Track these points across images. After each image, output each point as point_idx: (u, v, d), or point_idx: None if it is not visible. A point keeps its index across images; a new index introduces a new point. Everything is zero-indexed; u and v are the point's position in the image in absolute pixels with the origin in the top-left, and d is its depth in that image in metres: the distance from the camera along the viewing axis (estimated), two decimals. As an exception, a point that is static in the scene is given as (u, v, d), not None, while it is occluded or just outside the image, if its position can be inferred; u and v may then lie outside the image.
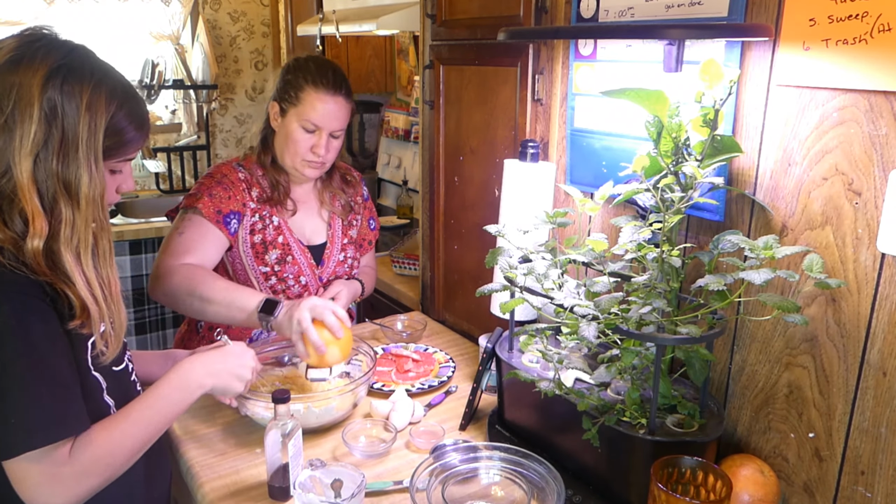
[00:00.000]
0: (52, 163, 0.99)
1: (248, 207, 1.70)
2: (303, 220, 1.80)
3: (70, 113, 0.99)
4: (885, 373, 1.06)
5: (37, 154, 0.98)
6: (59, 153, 1.00)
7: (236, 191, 1.69)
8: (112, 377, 1.13)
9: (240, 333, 1.77)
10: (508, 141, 1.72)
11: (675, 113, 1.12)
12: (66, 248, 1.01)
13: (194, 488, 1.31)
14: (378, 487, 1.28)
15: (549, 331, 1.35)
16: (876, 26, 0.99)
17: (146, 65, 3.65)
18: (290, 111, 1.67)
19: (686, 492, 1.07)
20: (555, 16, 1.53)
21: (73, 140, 1.00)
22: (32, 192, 0.99)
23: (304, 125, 1.66)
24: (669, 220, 1.14)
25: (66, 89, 0.99)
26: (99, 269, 1.06)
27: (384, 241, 3.07)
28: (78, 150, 1.00)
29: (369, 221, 1.96)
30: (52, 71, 0.99)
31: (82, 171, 1.01)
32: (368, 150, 3.64)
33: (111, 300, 1.08)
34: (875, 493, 1.10)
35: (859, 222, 1.06)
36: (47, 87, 0.98)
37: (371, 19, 2.46)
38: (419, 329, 1.94)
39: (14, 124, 0.97)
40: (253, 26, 3.93)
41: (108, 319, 1.07)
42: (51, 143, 0.99)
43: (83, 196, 1.02)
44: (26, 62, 0.98)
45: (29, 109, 0.97)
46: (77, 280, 1.02)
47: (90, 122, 1.01)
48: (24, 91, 0.97)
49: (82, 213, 1.02)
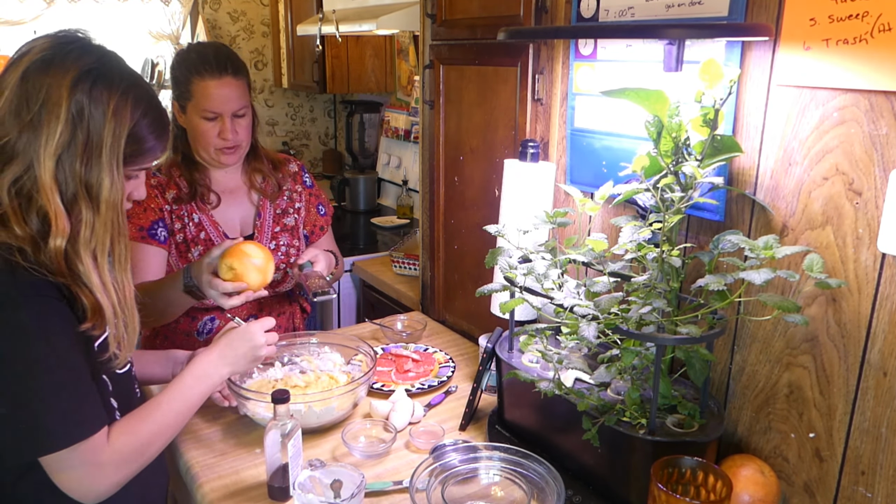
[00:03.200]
0: (75, 165, 1.01)
1: (165, 211, 1.70)
2: (230, 210, 1.78)
3: (97, 117, 1.01)
4: (885, 373, 1.06)
5: (60, 154, 1.00)
6: (83, 156, 1.01)
7: (149, 200, 1.68)
8: (117, 379, 1.15)
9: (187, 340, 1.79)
10: (508, 141, 1.72)
11: (676, 113, 1.12)
12: (84, 251, 1.03)
13: (194, 488, 1.31)
14: (378, 488, 1.28)
15: (548, 331, 1.34)
16: (876, 26, 0.99)
17: (146, 65, 3.65)
18: (187, 106, 1.67)
19: (686, 492, 1.07)
20: (555, 15, 1.53)
21: (97, 144, 1.01)
22: (54, 192, 1.00)
23: (203, 115, 1.64)
24: (669, 220, 1.13)
25: (94, 94, 1.01)
26: (115, 273, 1.07)
27: (384, 241, 3.07)
28: (101, 155, 1.02)
29: (318, 207, 1.94)
30: (83, 74, 1.00)
31: (104, 174, 1.02)
32: (368, 150, 3.64)
33: (125, 304, 1.09)
34: (875, 493, 1.09)
35: (860, 222, 1.06)
36: (76, 89, 0.99)
37: (371, 19, 2.46)
38: (419, 329, 1.94)
39: (40, 124, 0.98)
40: (253, 26, 3.93)
41: (123, 323, 1.08)
42: (75, 144, 1.00)
43: (104, 200, 1.03)
44: (58, 63, 1.00)
45: (56, 110, 0.98)
46: (94, 282, 1.03)
47: (115, 128, 1.02)
48: (54, 92, 0.99)
49: (101, 217, 1.04)
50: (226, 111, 1.65)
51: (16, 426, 1.00)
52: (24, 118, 0.99)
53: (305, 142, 4.24)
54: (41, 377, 0.99)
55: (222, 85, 1.63)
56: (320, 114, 4.27)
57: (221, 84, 1.63)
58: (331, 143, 4.34)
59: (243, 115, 1.69)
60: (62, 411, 1.00)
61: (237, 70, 1.67)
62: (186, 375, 1.22)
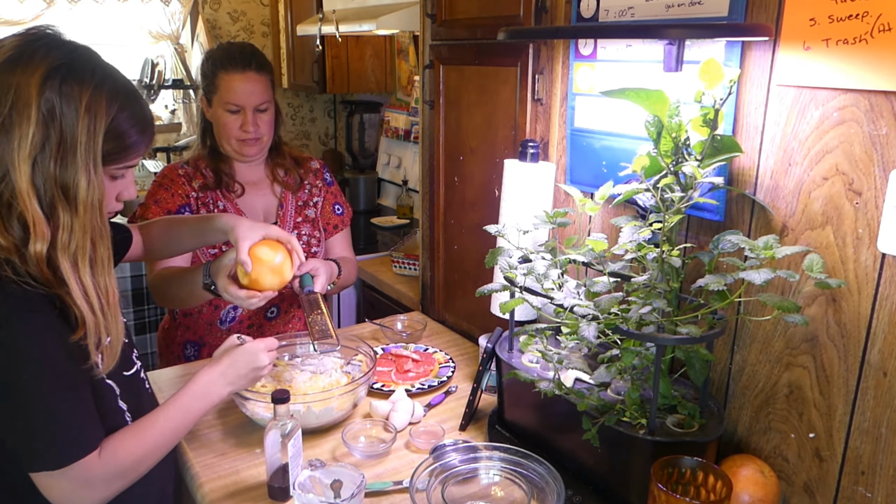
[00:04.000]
0: (49, 166, 0.96)
1: (191, 197, 1.76)
2: (253, 199, 1.84)
3: (69, 115, 0.96)
4: (885, 373, 1.06)
5: (35, 157, 0.95)
6: (57, 156, 0.96)
7: (176, 187, 1.76)
8: (124, 382, 1.15)
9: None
10: (508, 141, 1.72)
11: (676, 113, 1.12)
12: (63, 255, 0.98)
13: (194, 488, 1.31)
14: (378, 488, 1.28)
15: (548, 331, 1.34)
16: (876, 26, 0.99)
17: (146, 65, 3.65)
18: (213, 100, 1.74)
19: (686, 492, 1.07)
20: (555, 15, 1.53)
21: (71, 143, 0.96)
22: (32, 197, 0.96)
23: (227, 108, 1.72)
24: (669, 220, 1.13)
25: (64, 90, 0.96)
26: (96, 277, 1.03)
27: (384, 241, 3.07)
28: (76, 154, 0.97)
29: (334, 206, 1.96)
30: (51, 71, 0.96)
31: (80, 175, 0.98)
32: (368, 150, 3.64)
33: (108, 310, 1.04)
34: (875, 493, 1.09)
35: (860, 222, 1.06)
36: (45, 87, 0.95)
37: (371, 19, 2.46)
38: (419, 329, 1.94)
39: (12, 126, 0.94)
40: (253, 26, 3.93)
41: (105, 331, 1.03)
42: (48, 145, 0.96)
43: (80, 201, 0.98)
44: (25, 61, 0.95)
45: (27, 111, 0.94)
46: (74, 288, 0.99)
47: (89, 125, 0.97)
48: (22, 91, 0.94)
49: (80, 219, 0.99)
50: (248, 104, 1.72)
51: (13, 443, 1.00)
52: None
53: (305, 142, 4.24)
54: (35, 400, 0.98)
55: (245, 79, 1.71)
56: (320, 114, 4.27)
57: (245, 78, 1.70)
58: (331, 144, 4.34)
59: (265, 109, 1.75)
60: (54, 434, 0.99)
61: (261, 66, 1.74)
62: (186, 394, 1.19)
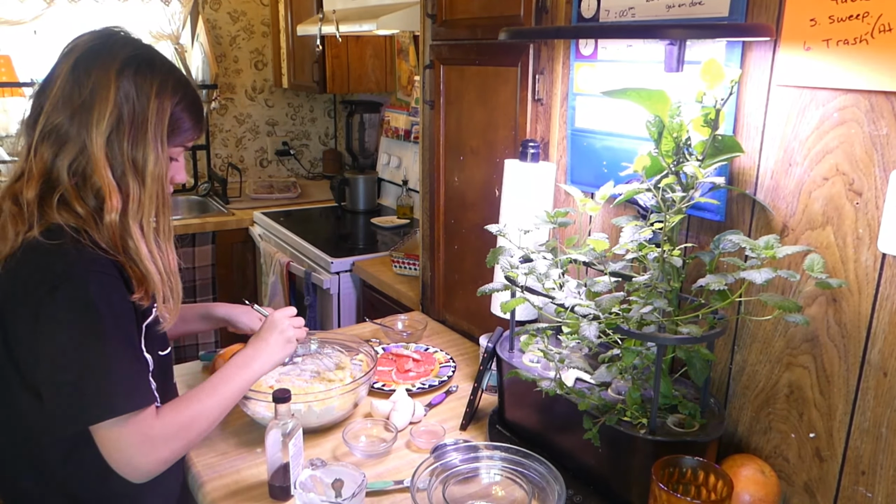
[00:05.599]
0: (122, 142, 1.11)
1: None
2: None
3: (142, 98, 1.12)
4: (885, 373, 1.06)
5: (110, 134, 1.10)
6: (129, 133, 1.11)
7: None
8: (158, 360, 1.23)
9: None
10: (509, 141, 1.72)
11: (676, 113, 1.12)
12: (133, 221, 1.12)
13: (195, 488, 1.31)
14: (379, 487, 1.28)
15: (549, 330, 1.35)
16: (877, 26, 0.99)
17: (146, 64, 3.65)
18: None
19: (687, 492, 1.07)
20: (555, 16, 1.53)
21: (142, 122, 1.12)
22: (106, 168, 1.10)
23: None
24: (670, 220, 1.14)
25: (138, 79, 1.12)
26: (160, 242, 1.17)
27: (384, 241, 3.07)
28: (147, 133, 1.12)
29: None
30: (128, 61, 1.12)
31: (149, 151, 1.13)
32: (368, 150, 3.64)
33: (170, 271, 1.19)
34: (876, 493, 1.10)
35: (860, 222, 1.06)
36: (122, 75, 1.11)
37: (371, 19, 2.46)
38: (419, 329, 1.94)
39: (92, 106, 1.09)
40: (253, 26, 3.93)
41: (169, 287, 1.18)
42: (122, 124, 1.11)
43: (149, 173, 1.13)
44: (105, 52, 1.12)
45: (105, 94, 1.09)
46: (142, 251, 1.12)
47: (158, 108, 1.13)
48: (102, 78, 1.10)
49: (147, 190, 1.13)
50: None
51: (82, 392, 1.05)
52: (75, 102, 1.09)
53: (305, 142, 4.24)
54: (106, 347, 1.06)
55: None
56: (320, 114, 4.27)
57: None
58: (331, 143, 4.34)
59: None
60: (123, 379, 1.08)
61: None
62: (229, 366, 1.29)
